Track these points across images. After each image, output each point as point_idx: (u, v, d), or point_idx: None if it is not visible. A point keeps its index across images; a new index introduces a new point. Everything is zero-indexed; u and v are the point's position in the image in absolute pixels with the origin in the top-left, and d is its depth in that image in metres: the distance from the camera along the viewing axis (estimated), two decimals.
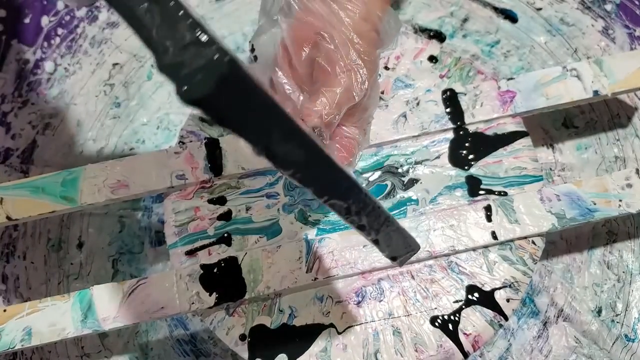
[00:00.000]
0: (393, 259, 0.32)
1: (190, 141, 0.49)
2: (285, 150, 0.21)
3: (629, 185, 0.45)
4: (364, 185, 0.46)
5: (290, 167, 0.22)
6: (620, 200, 0.44)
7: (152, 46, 0.19)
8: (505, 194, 0.45)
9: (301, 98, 0.38)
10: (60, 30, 0.60)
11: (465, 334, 0.42)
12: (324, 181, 0.23)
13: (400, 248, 0.32)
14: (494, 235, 0.43)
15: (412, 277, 0.43)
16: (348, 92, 0.35)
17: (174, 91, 0.18)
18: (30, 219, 0.46)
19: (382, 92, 0.49)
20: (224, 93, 0.18)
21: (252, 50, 0.41)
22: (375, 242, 0.30)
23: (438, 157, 0.47)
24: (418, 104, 0.48)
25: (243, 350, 0.42)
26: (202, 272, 0.43)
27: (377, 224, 0.28)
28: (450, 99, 0.48)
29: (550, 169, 0.56)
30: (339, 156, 0.39)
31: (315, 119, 0.35)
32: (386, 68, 0.51)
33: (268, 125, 0.20)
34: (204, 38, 0.18)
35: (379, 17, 0.36)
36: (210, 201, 0.47)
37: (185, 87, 0.17)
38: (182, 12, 0.19)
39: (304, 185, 0.23)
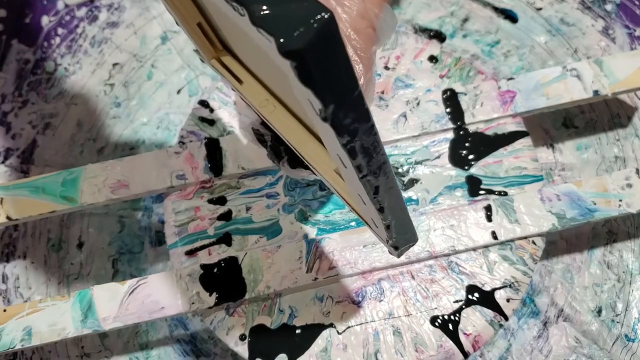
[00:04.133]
0: (395, 248, 0.33)
1: (191, 141, 0.49)
2: (349, 117, 0.22)
3: (629, 185, 0.45)
4: None
5: (348, 134, 0.22)
6: (620, 200, 0.44)
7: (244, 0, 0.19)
8: (506, 193, 0.45)
9: None
10: (60, 30, 0.60)
11: (465, 334, 0.42)
12: (368, 155, 0.24)
13: (404, 238, 0.33)
14: (494, 235, 0.43)
15: (412, 277, 0.43)
16: None
17: (273, 42, 0.18)
18: (30, 219, 0.46)
19: (382, 92, 0.49)
20: (319, 48, 0.18)
21: None
22: (388, 227, 0.30)
23: (438, 157, 0.47)
24: (418, 104, 0.48)
25: (243, 350, 0.42)
26: (202, 272, 0.43)
27: (396, 209, 0.29)
28: (451, 99, 0.48)
29: (551, 168, 0.56)
30: None
31: None
32: (386, 68, 0.51)
33: (344, 89, 0.21)
34: None
35: (376, 14, 0.36)
36: (210, 201, 0.47)
37: (283, 40, 0.18)
38: None
39: (350, 156, 0.24)
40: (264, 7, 0.19)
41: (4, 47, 0.57)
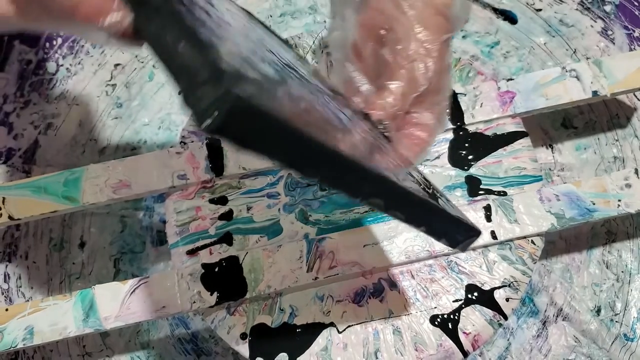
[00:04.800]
0: (452, 245, 0.32)
1: (192, 141, 0.49)
2: (309, 164, 0.22)
3: (628, 186, 0.45)
4: None
5: (315, 177, 0.23)
6: (619, 200, 0.44)
7: (179, 84, 0.20)
8: (505, 193, 0.45)
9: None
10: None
11: (464, 333, 0.42)
12: (352, 184, 0.24)
13: (457, 235, 0.32)
14: (493, 235, 0.44)
15: (412, 276, 0.44)
16: (411, 83, 0.35)
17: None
18: (32, 218, 0.46)
19: None
20: (237, 124, 0.19)
21: (326, 46, 0.45)
22: (426, 232, 0.30)
23: (438, 157, 0.47)
24: None
25: (244, 349, 0.42)
26: (203, 271, 0.44)
27: (421, 217, 0.28)
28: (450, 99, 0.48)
29: (550, 169, 0.56)
30: (410, 143, 0.37)
31: (380, 112, 0.35)
32: None
33: (288, 147, 0.21)
34: (217, 75, 0.19)
35: (444, 3, 0.36)
36: (211, 201, 0.47)
37: (202, 123, 0.19)
38: (203, 48, 0.20)
39: (335, 189, 0.24)
40: (185, 89, 0.20)
41: (6, 48, 0.57)
